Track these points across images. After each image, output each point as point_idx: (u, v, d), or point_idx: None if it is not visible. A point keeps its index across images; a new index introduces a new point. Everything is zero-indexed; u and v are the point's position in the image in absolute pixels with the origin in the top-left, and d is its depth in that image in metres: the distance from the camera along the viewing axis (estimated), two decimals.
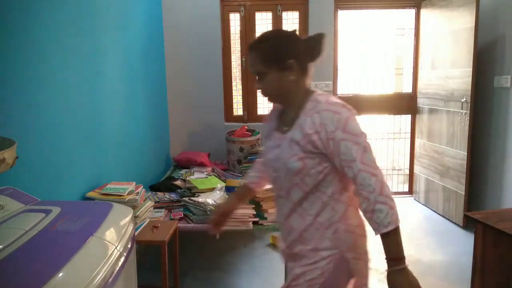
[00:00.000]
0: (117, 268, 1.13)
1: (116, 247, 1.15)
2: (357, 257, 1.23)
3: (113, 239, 1.18)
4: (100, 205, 1.38)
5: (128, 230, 1.30)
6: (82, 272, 0.97)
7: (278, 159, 1.25)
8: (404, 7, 4.12)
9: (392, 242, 1.10)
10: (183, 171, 3.41)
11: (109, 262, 1.08)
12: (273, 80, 1.24)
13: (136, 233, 2.12)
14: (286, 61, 1.22)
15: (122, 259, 1.18)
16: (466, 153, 3.36)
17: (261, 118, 4.13)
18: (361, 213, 1.17)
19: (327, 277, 1.19)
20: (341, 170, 1.16)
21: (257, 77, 1.28)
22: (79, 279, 0.94)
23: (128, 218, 1.35)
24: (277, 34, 1.33)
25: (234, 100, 4.17)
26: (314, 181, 1.19)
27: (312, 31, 3.93)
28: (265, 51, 1.23)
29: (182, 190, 2.91)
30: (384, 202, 1.09)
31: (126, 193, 2.08)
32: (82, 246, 1.05)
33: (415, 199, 4.22)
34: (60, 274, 0.91)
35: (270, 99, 1.32)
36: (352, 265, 1.22)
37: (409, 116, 4.32)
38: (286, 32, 1.30)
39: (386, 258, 1.11)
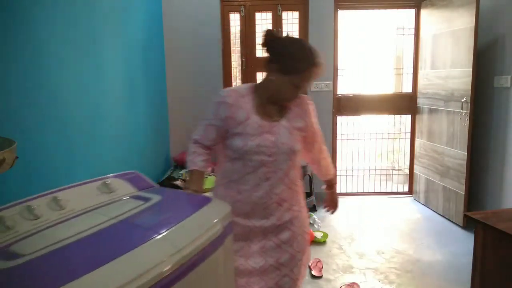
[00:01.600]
0: (176, 273, 0.95)
1: (180, 250, 0.98)
2: None
3: (185, 239, 1.02)
4: (199, 199, 1.33)
5: (211, 231, 1.11)
6: (122, 271, 0.86)
7: (277, 144, 1.45)
8: (404, 7, 4.11)
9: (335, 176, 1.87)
10: (183, 171, 3.41)
11: (165, 264, 0.92)
12: None
13: None
14: None
15: (190, 261, 1.01)
16: (466, 153, 3.36)
17: None
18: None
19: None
20: (309, 143, 1.58)
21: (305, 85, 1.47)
22: (115, 279, 0.83)
23: (217, 218, 1.18)
24: None
25: None
26: (299, 158, 1.55)
27: (312, 31, 3.93)
28: None
29: (182, 190, 2.91)
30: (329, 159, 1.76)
31: None
32: (141, 244, 0.96)
33: (415, 199, 4.22)
34: (103, 268, 0.85)
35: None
36: None
37: (409, 116, 4.32)
38: None
39: (333, 183, 1.81)
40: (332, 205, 1.82)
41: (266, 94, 1.49)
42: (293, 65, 1.40)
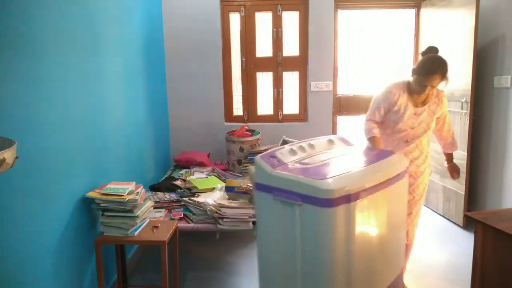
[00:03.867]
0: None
1: (390, 172, 1.79)
2: None
3: (390, 167, 1.84)
4: (388, 152, 2.09)
5: (400, 167, 1.86)
6: (371, 173, 1.76)
7: (419, 122, 2.29)
8: (404, 7, 4.12)
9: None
10: (183, 171, 3.41)
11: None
12: None
13: (136, 233, 2.13)
14: None
15: (390, 180, 1.76)
16: (466, 153, 3.36)
17: (261, 118, 4.14)
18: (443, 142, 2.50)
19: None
20: (439, 123, 2.39)
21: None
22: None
23: (402, 161, 1.93)
24: None
25: (234, 100, 4.17)
26: (431, 132, 2.36)
27: (312, 31, 3.93)
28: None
29: (182, 190, 2.91)
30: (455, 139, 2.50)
31: (126, 193, 2.08)
32: (368, 166, 1.84)
33: None
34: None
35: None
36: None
37: None
38: None
39: (451, 158, 2.53)
40: (455, 174, 2.50)
41: (411, 88, 2.29)
42: (417, 70, 2.20)
